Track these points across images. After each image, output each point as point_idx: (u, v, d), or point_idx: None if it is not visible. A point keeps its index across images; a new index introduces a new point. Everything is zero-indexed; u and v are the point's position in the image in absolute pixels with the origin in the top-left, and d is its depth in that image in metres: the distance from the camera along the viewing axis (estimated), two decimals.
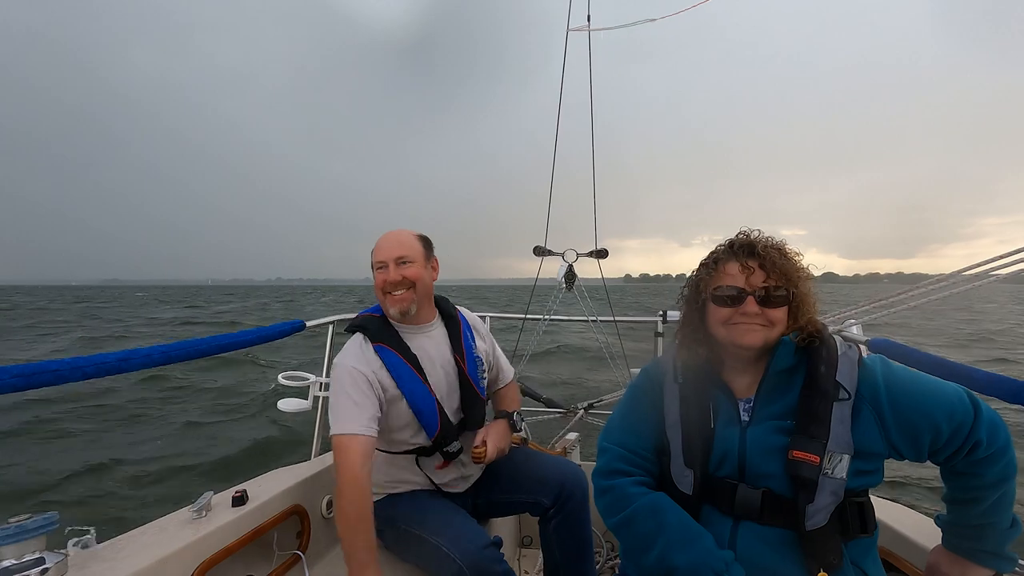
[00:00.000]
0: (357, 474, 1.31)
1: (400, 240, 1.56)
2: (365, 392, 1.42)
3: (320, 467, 1.77)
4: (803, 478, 0.92)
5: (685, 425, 1.06)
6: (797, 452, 0.93)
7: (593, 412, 2.66)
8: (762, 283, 1.00)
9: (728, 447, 1.02)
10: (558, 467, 1.70)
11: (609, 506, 1.10)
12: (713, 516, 1.03)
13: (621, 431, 1.17)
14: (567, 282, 2.65)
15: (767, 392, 1.02)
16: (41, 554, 1.04)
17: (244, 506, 1.42)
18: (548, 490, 1.64)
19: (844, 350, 1.00)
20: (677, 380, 1.10)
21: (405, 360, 1.52)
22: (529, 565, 2.24)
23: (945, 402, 0.92)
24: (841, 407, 0.94)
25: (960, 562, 1.01)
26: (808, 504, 0.92)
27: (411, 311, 1.54)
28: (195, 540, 1.24)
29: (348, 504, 1.29)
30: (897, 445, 0.94)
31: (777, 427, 0.98)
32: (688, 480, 1.04)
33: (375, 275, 1.56)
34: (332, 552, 1.68)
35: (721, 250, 1.07)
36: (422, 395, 1.51)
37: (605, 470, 1.13)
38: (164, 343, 1.43)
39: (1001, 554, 0.97)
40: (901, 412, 0.92)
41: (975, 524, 0.98)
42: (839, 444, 0.93)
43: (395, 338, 1.55)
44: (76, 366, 1.16)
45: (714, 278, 1.05)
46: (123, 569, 1.09)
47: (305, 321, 1.98)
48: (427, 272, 1.58)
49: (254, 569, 1.40)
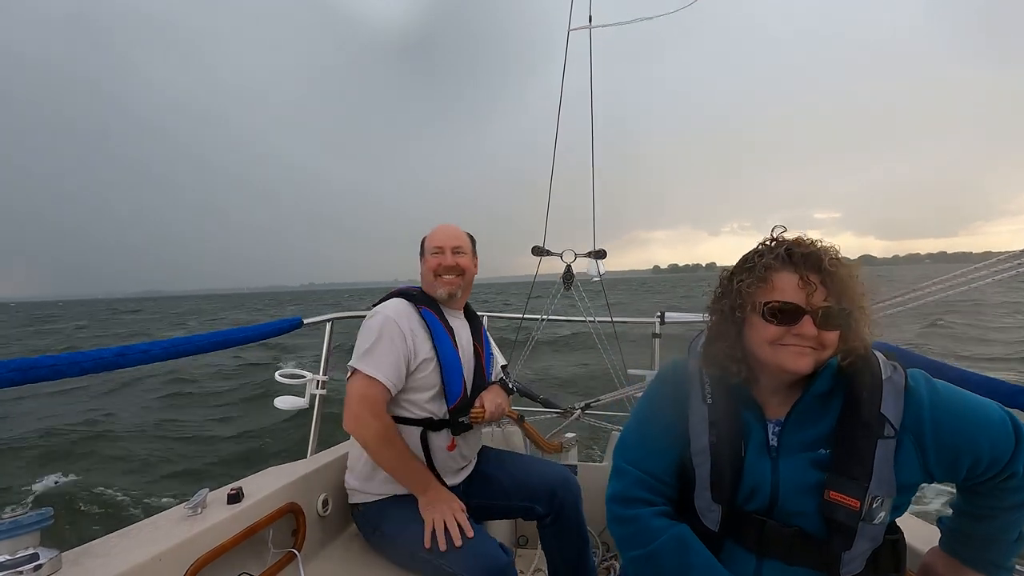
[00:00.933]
0: (383, 415, 1.47)
1: (456, 233, 1.75)
2: (396, 344, 1.51)
3: (316, 465, 1.77)
4: (840, 523, 0.85)
5: (715, 454, 0.95)
6: (835, 494, 0.85)
7: (590, 412, 2.66)
8: (823, 302, 0.87)
9: (759, 480, 0.92)
10: (550, 474, 1.72)
11: (629, 538, 1.00)
12: (736, 552, 0.95)
13: (640, 450, 1.05)
14: (565, 282, 2.65)
15: (800, 416, 0.93)
16: (35, 550, 1.03)
17: (239, 503, 1.42)
18: (541, 498, 1.67)
19: (889, 373, 0.89)
20: (706, 400, 0.98)
21: (444, 327, 1.63)
22: (525, 565, 2.23)
23: (990, 430, 0.85)
24: (885, 444, 0.85)
25: (957, 566, 0.99)
26: (845, 551, 0.86)
27: (457, 295, 1.70)
28: (190, 537, 1.24)
29: (386, 444, 1.45)
30: (933, 471, 0.87)
31: (811, 459, 0.90)
32: (715, 516, 0.96)
33: (428, 259, 1.70)
34: (327, 550, 1.68)
35: (773, 256, 0.91)
36: (454, 359, 1.61)
37: (623, 497, 1.02)
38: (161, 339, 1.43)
39: (1004, 564, 0.95)
40: (943, 439, 0.85)
41: (981, 536, 0.95)
42: (882, 487, 0.85)
43: (437, 307, 1.67)
44: (74, 361, 1.15)
45: (764, 289, 0.90)
46: (117, 566, 1.08)
47: (303, 318, 1.97)
48: (473, 266, 1.76)
49: (249, 567, 1.40)
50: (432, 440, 1.58)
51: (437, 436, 1.59)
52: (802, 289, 0.88)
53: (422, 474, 1.51)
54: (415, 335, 1.56)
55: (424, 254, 1.74)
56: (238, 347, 1.74)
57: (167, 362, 1.46)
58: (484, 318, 2.90)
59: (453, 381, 1.59)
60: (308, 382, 2.06)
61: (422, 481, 1.50)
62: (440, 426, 1.59)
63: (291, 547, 1.54)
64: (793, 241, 0.92)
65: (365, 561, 1.60)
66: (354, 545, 1.69)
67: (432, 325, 1.60)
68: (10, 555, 1.00)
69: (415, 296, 1.66)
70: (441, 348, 1.58)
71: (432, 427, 1.58)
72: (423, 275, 1.73)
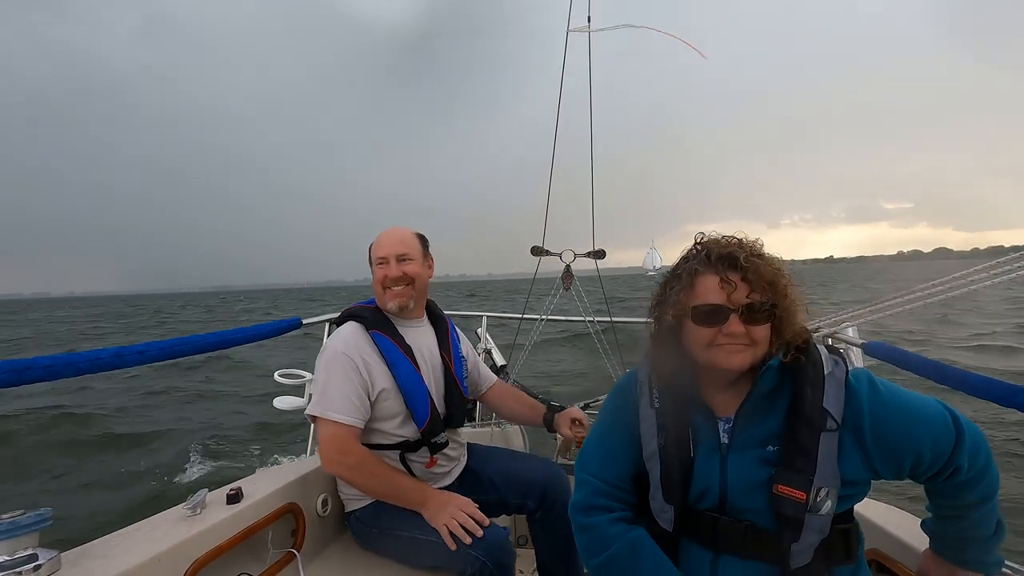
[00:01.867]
0: (355, 450, 1.44)
1: (401, 237, 1.62)
2: (351, 379, 1.46)
3: (315, 465, 1.77)
4: (788, 516, 0.88)
5: (664, 458, 0.99)
6: (782, 487, 0.88)
7: (590, 412, 2.66)
8: (746, 298, 0.90)
9: (708, 480, 0.96)
10: (541, 471, 1.72)
11: (588, 546, 1.04)
12: (692, 550, 0.99)
13: (598, 461, 1.09)
14: (564, 282, 2.65)
15: (748, 414, 0.95)
16: (34, 551, 1.03)
17: (238, 504, 1.42)
18: (532, 494, 1.67)
19: (831, 368, 0.92)
20: (653, 404, 1.02)
21: (400, 348, 1.56)
22: (524, 565, 2.24)
23: (929, 427, 0.88)
24: (828, 437, 0.88)
25: (948, 567, 1.01)
26: (793, 543, 0.88)
27: (409, 306, 1.61)
28: (189, 537, 1.23)
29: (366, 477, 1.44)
30: (878, 469, 0.90)
31: (760, 456, 0.93)
32: (668, 516, 0.99)
33: (374, 270, 1.61)
34: (326, 551, 1.68)
35: (696, 260, 0.95)
36: (415, 383, 1.55)
37: (583, 505, 1.06)
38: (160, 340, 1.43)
39: (987, 560, 0.97)
40: (883, 438, 0.88)
41: (958, 536, 0.97)
42: (826, 478, 0.87)
43: (390, 327, 1.59)
44: (70, 362, 1.15)
45: (690, 294, 0.94)
46: (116, 566, 1.08)
47: (302, 319, 1.97)
48: (424, 270, 1.65)
49: (248, 567, 1.40)
50: (411, 460, 1.58)
51: (415, 455, 1.58)
52: (723, 289, 0.90)
53: (415, 490, 1.47)
54: (368, 366, 1.49)
55: (371, 264, 1.64)
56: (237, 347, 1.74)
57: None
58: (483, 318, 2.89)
59: (418, 405, 1.53)
60: (307, 382, 2.06)
61: (418, 496, 1.46)
62: (417, 447, 1.57)
63: (290, 547, 1.54)
64: (712, 242, 0.96)
65: (365, 561, 1.60)
66: (353, 545, 1.69)
67: (386, 351, 1.53)
68: (9, 556, 1.00)
69: (367, 318, 1.57)
70: (399, 375, 1.52)
71: (409, 448, 1.57)
72: (373, 287, 1.63)
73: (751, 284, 0.90)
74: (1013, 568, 1.11)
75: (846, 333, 1.93)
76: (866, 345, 1.80)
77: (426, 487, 1.51)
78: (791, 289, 0.93)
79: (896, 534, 1.28)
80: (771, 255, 0.95)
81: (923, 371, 1.48)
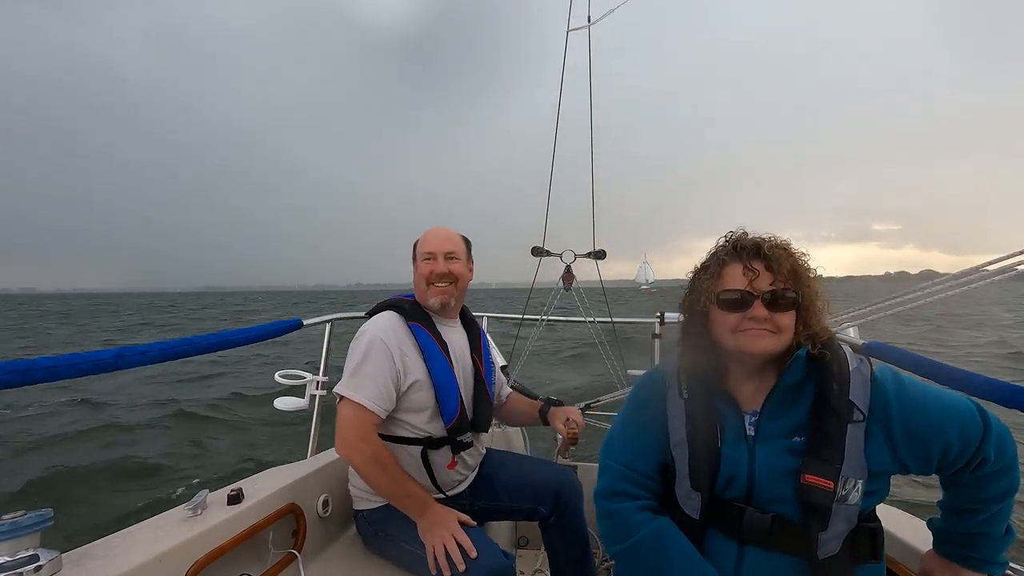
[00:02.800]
0: (373, 440, 1.43)
1: (449, 236, 1.66)
2: (384, 366, 1.46)
3: (317, 466, 1.77)
4: (816, 504, 0.88)
5: (692, 445, 1.00)
6: (810, 476, 0.89)
7: (590, 412, 2.66)
8: (769, 285, 0.94)
9: (736, 468, 0.97)
10: (554, 475, 1.71)
11: (612, 533, 1.05)
12: (718, 540, 0.99)
13: (623, 448, 1.10)
14: (564, 283, 2.65)
15: (774, 406, 0.97)
16: (35, 551, 1.03)
17: (239, 504, 1.42)
18: (545, 499, 1.66)
19: (856, 364, 0.94)
20: (682, 395, 1.04)
21: (437, 343, 1.57)
22: (525, 566, 2.24)
23: (957, 417, 0.89)
24: (855, 429, 0.89)
25: (952, 567, 1.01)
26: (821, 532, 0.88)
27: (450, 304, 1.63)
28: (190, 538, 1.24)
29: (377, 470, 1.41)
30: (906, 462, 0.91)
31: (787, 447, 0.94)
32: (695, 504, 0.99)
33: (420, 265, 1.63)
34: (327, 551, 1.68)
35: (723, 251, 1.01)
36: (448, 378, 1.55)
37: (608, 491, 1.07)
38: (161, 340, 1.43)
39: (995, 560, 0.97)
40: (912, 429, 0.89)
41: (970, 532, 0.97)
42: (854, 468, 0.88)
43: (429, 322, 1.60)
44: (72, 363, 1.15)
45: (717, 282, 0.99)
46: (117, 567, 1.08)
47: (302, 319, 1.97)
48: (467, 271, 1.70)
49: (249, 568, 1.40)
50: (433, 458, 1.56)
51: (437, 454, 1.57)
52: (747, 276, 0.96)
53: (417, 498, 1.45)
54: (404, 355, 1.50)
55: (416, 260, 1.66)
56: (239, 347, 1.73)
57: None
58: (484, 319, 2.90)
59: (448, 401, 1.53)
60: (308, 383, 2.06)
61: (418, 505, 1.44)
62: (440, 444, 1.56)
63: (291, 548, 1.54)
64: (739, 235, 1.02)
65: (366, 562, 1.60)
66: (355, 546, 1.69)
67: (423, 343, 1.54)
68: (10, 556, 1.00)
69: (406, 309, 1.59)
70: (434, 368, 1.52)
71: (432, 445, 1.55)
72: (415, 283, 1.66)
73: (774, 272, 0.95)
74: (1015, 569, 1.10)
75: (847, 333, 1.93)
76: (865, 345, 1.80)
77: (429, 499, 1.47)
78: (814, 282, 0.97)
79: (900, 536, 1.28)
80: (796, 249, 0.99)
81: (924, 371, 1.48)
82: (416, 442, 1.55)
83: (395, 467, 1.45)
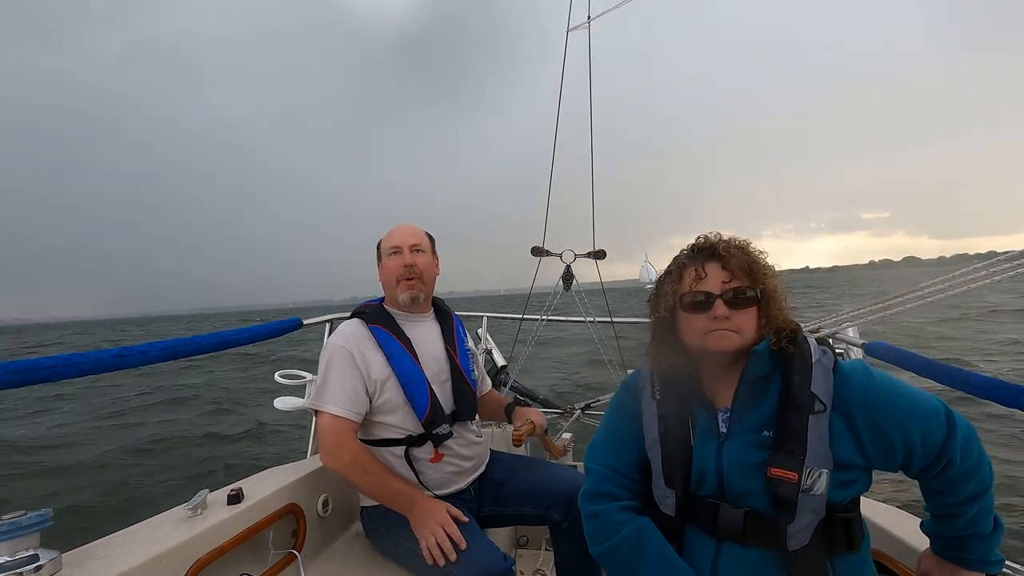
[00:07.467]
0: (350, 446, 1.45)
1: (413, 230, 1.69)
2: (348, 372, 1.49)
3: (316, 465, 1.77)
4: (782, 497, 0.90)
5: (664, 443, 1.04)
6: (775, 470, 0.91)
7: (590, 412, 2.66)
8: (727, 285, 0.97)
9: (706, 465, 0.99)
10: (567, 480, 1.69)
11: (595, 534, 1.07)
12: (696, 538, 1.01)
13: (605, 451, 1.14)
14: (564, 283, 2.65)
15: (743, 401, 0.99)
16: (35, 551, 1.03)
17: (239, 504, 1.42)
18: (558, 504, 1.64)
19: (818, 356, 0.96)
20: (655, 396, 1.07)
21: (399, 340, 1.58)
22: (526, 566, 2.24)
23: (922, 414, 0.90)
24: (818, 420, 0.91)
25: (949, 567, 1.02)
26: (788, 524, 0.90)
27: (420, 298, 1.65)
28: (190, 538, 1.24)
29: (359, 474, 1.43)
30: (871, 456, 0.92)
31: (754, 441, 0.96)
32: (670, 502, 1.02)
33: (387, 261, 1.65)
34: (327, 551, 1.68)
35: (683, 255, 1.05)
36: (412, 372, 1.56)
37: (592, 492, 1.10)
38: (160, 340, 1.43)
39: (987, 559, 0.97)
40: (874, 423, 0.90)
41: (957, 535, 0.98)
42: (817, 459, 0.89)
43: (391, 322, 1.62)
44: (72, 363, 1.16)
45: (679, 285, 1.02)
46: (117, 567, 1.08)
47: (302, 319, 1.98)
48: (433, 265, 1.71)
49: (249, 568, 1.40)
50: (415, 454, 1.57)
51: (420, 450, 1.57)
52: (707, 277, 0.99)
53: (404, 495, 1.47)
54: (366, 358, 1.53)
55: (380, 258, 1.68)
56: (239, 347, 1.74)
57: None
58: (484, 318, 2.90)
59: (417, 395, 1.55)
60: (308, 382, 2.07)
61: (406, 501, 1.46)
62: (421, 441, 1.57)
63: (291, 548, 1.54)
64: (699, 240, 1.05)
65: (366, 562, 1.60)
66: (355, 546, 1.69)
67: (384, 343, 1.56)
68: (10, 556, 1.00)
69: (367, 314, 1.62)
70: (397, 365, 1.54)
71: (413, 443, 1.56)
72: (383, 281, 1.68)
73: (732, 272, 0.98)
74: (1013, 568, 1.11)
75: (846, 333, 1.93)
76: (867, 345, 1.80)
77: (416, 493, 1.49)
78: (770, 278, 1.00)
79: (896, 534, 1.28)
80: (753, 248, 1.02)
81: (924, 371, 1.48)
82: (398, 442, 1.56)
83: (377, 468, 1.47)
